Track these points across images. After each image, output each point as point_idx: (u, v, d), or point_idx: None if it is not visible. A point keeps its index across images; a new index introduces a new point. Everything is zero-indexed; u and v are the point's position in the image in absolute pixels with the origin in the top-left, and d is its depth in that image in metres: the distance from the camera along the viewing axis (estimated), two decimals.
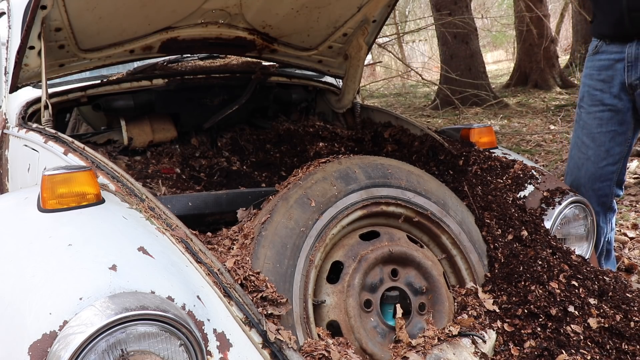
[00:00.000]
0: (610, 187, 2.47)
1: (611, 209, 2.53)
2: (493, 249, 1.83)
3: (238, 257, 1.49)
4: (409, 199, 1.77)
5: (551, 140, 6.49)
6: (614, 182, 2.46)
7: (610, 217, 2.55)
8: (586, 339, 1.66)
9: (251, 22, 2.36)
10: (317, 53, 2.65)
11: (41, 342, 1.12)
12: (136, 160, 2.40)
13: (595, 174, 2.43)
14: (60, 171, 1.46)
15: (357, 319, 1.56)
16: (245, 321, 1.32)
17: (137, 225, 1.43)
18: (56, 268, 1.24)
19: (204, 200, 1.86)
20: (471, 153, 2.18)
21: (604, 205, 2.49)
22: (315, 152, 2.52)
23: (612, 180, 2.46)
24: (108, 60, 2.28)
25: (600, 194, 2.46)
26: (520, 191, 2.04)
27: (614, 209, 2.55)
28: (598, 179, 2.44)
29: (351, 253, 1.65)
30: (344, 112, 2.86)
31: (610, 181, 2.46)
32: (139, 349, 1.15)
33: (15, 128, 2.23)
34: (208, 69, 2.63)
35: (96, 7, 1.92)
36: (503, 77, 12.04)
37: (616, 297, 1.77)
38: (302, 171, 1.74)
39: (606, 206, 2.50)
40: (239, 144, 2.60)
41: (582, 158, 2.45)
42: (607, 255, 2.60)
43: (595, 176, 2.43)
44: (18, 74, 1.97)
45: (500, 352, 1.63)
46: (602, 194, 2.46)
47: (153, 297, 1.20)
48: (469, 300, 1.73)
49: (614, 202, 2.54)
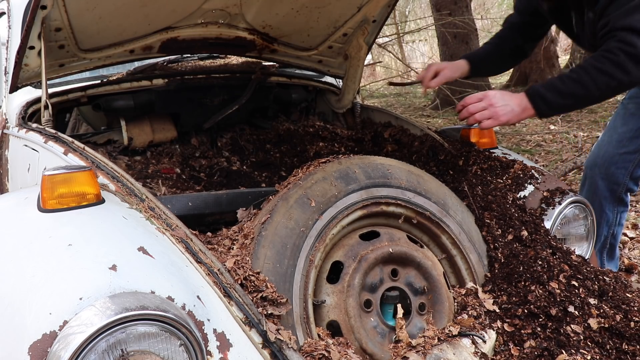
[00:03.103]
0: (624, 177, 2.47)
1: (623, 202, 2.53)
2: (493, 249, 1.83)
3: (238, 257, 1.49)
4: (409, 199, 1.77)
5: (551, 140, 6.48)
6: (628, 173, 2.46)
7: (619, 209, 2.54)
8: (586, 339, 1.66)
9: (251, 22, 2.36)
10: (317, 53, 2.65)
11: (41, 342, 1.12)
12: (136, 160, 2.40)
13: (613, 158, 2.45)
14: (60, 171, 1.46)
15: (357, 319, 1.56)
16: (245, 321, 1.32)
17: (137, 225, 1.43)
18: (56, 268, 1.24)
19: (204, 200, 1.86)
20: (471, 153, 2.19)
21: (613, 193, 2.49)
22: (315, 152, 2.52)
23: (628, 169, 2.46)
24: (108, 60, 2.28)
25: (612, 180, 2.47)
26: (520, 191, 2.04)
27: (626, 203, 2.55)
28: (614, 163, 2.45)
29: (351, 253, 1.65)
30: (344, 112, 2.86)
31: (625, 170, 2.46)
32: (139, 349, 1.15)
33: (15, 128, 2.23)
34: (208, 69, 2.63)
35: (96, 7, 1.92)
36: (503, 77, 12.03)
37: (616, 297, 1.77)
38: (302, 171, 1.74)
39: (615, 195, 2.50)
40: (239, 144, 2.60)
41: (606, 141, 2.49)
42: (610, 251, 2.59)
43: (612, 160, 2.45)
44: (18, 74, 1.97)
45: (500, 352, 1.63)
46: (614, 181, 2.47)
47: (153, 297, 1.20)
48: (469, 300, 1.73)
49: (628, 197, 2.53)
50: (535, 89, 1.97)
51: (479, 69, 2.56)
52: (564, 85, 1.93)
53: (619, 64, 1.88)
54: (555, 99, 1.93)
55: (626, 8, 1.91)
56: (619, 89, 1.98)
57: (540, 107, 1.94)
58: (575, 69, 1.94)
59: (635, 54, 1.87)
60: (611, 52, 1.89)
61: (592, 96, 1.93)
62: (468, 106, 1.99)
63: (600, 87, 1.90)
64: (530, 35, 2.51)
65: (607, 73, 1.88)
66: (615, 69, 1.88)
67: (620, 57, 1.87)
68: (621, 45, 1.88)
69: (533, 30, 2.48)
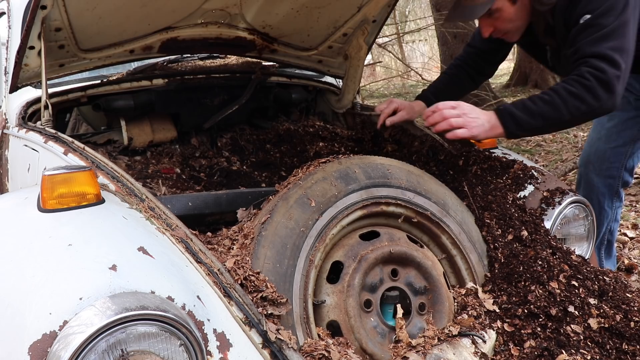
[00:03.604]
0: (618, 170, 2.50)
1: (618, 195, 2.54)
2: (493, 249, 1.83)
3: (238, 257, 1.48)
4: (409, 199, 1.77)
5: (551, 140, 6.48)
6: (622, 165, 2.49)
7: (616, 204, 2.56)
8: (586, 339, 1.66)
9: (251, 22, 2.36)
10: (317, 53, 2.65)
11: (41, 342, 1.12)
12: (136, 160, 2.40)
13: (605, 154, 2.48)
14: (60, 171, 1.46)
15: (357, 319, 1.56)
16: (245, 321, 1.32)
17: (137, 225, 1.43)
18: (56, 268, 1.24)
19: (204, 200, 1.86)
20: (471, 153, 2.18)
21: (610, 188, 2.51)
22: (315, 152, 2.52)
23: (621, 162, 2.49)
24: (108, 60, 2.28)
25: (607, 174, 2.49)
26: (520, 191, 2.04)
27: (620, 197, 2.57)
28: (607, 158, 2.48)
29: (351, 253, 1.65)
30: (344, 112, 2.86)
31: (619, 163, 2.49)
32: (139, 349, 1.15)
33: (15, 128, 2.23)
34: (208, 69, 2.64)
35: (96, 7, 1.92)
36: (503, 77, 12.03)
37: (616, 297, 1.77)
38: (302, 171, 1.74)
39: (613, 189, 2.52)
40: (239, 144, 2.60)
41: (595, 138, 2.52)
42: (607, 248, 2.60)
43: (604, 156, 2.48)
44: (18, 74, 1.97)
45: (500, 352, 1.63)
46: (609, 175, 2.49)
47: (153, 297, 1.20)
48: (469, 300, 1.73)
49: (622, 191, 2.55)
50: (505, 107, 1.95)
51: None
52: (535, 106, 1.91)
53: (590, 89, 1.87)
54: (525, 119, 1.91)
55: (595, 36, 1.90)
56: (589, 115, 1.96)
57: (509, 125, 1.91)
58: (547, 91, 1.93)
59: (605, 80, 1.87)
60: (583, 76, 1.89)
61: (562, 119, 1.91)
62: (442, 110, 1.95)
63: (571, 110, 1.88)
64: (492, 60, 2.49)
65: (578, 97, 1.88)
66: (586, 93, 1.87)
67: (592, 82, 1.87)
68: (592, 71, 1.88)
69: (495, 54, 2.45)
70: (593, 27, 1.92)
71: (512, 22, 2.11)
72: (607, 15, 1.91)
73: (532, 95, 1.96)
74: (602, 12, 1.91)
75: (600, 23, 1.91)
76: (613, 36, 1.90)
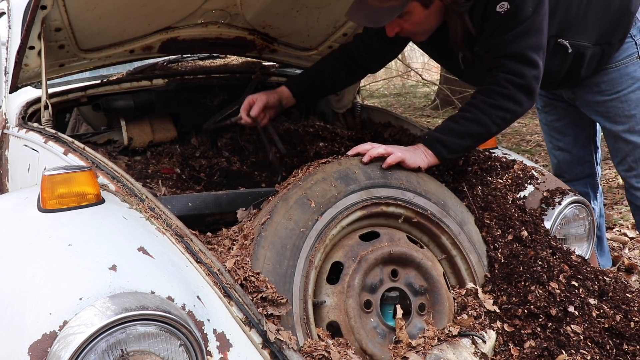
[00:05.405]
0: (592, 167, 2.56)
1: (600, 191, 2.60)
2: (493, 249, 1.83)
3: (238, 257, 1.48)
4: (408, 200, 1.77)
5: None
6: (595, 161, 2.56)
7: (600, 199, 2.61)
8: (586, 339, 1.66)
9: (251, 22, 2.36)
10: (317, 53, 2.65)
11: (41, 342, 1.12)
12: (136, 160, 2.40)
13: (573, 160, 2.55)
14: (60, 171, 1.46)
15: (357, 320, 1.56)
16: (245, 321, 1.32)
17: (137, 225, 1.43)
18: (56, 268, 1.24)
19: (204, 200, 1.86)
20: (471, 153, 2.18)
21: (592, 186, 2.57)
22: (315, 152, 2.52)
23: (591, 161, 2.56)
24: (108, 60, 2.28)
25: (585, 174, 2.55)
26: (520, 191, 2.04)
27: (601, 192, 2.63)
28: (577, 162, 2.55)
29: (351, 254, 1.65)
30: (344, 112, 2.86)
31: (590, 162, 2.56)
32: (139, 349, 1.15)
33: (15, 128, 2.23)
34: (208, 69, 2.64)
35: (96, 7, 1.92)
36: None
37: (616, 297, 1.77)
38: (302, 171, 1.74)
39: (595, 186, 2.57)
40: (239, 144, 2.59)
41: (557, 149, 2.58)
42: (599, 244, 2.61)
43: (573, 161, 2.55)
44: (18, 74, 1.98)
45: (500, 352, 1.63)
46: (587, 174, 2.55)
47: (153, 297, 1.20)
48: (469, 300, 1.73)
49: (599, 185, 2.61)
50: (431, 135, 1.85)
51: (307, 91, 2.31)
52: (460, 126, 1.84)
53: (510, 97, 1.81)
54: (453, 141, 1.83)
55: (515, 32, 1.80)
56: (515, 119, 1.90)
57: (441, 152, 1.83)
58: (466, 108, 1.85)
59: (524, 84, 1.80)
60: (500, 85, 1.81)
61: (490, 132, 1.85)
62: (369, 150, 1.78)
63: (496, 121, 1.82)
64: (380, 59, 2.31)
65: (500, 107, 1.81)
66: (507, 102, 1.81)
67: (511, 89, 1.80)
68: (509, 77, 1.80)
69: (385, 53, 2.26)
70: (513, 20, 1.81)
71: (422, 25, 1.93)
72: (526, 5, 1.80)
73: (453, 115, 1.88)
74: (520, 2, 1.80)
75: (519, 15, 1.80)
76: (532, 32, 1.81)
